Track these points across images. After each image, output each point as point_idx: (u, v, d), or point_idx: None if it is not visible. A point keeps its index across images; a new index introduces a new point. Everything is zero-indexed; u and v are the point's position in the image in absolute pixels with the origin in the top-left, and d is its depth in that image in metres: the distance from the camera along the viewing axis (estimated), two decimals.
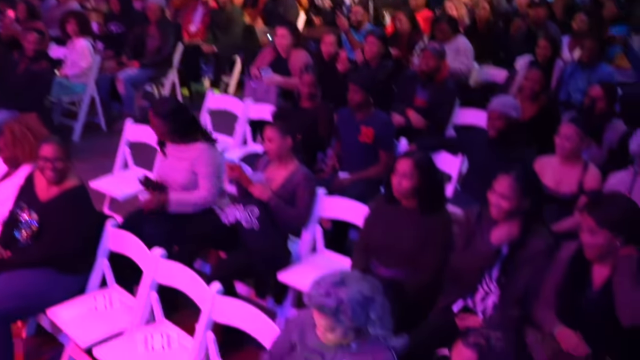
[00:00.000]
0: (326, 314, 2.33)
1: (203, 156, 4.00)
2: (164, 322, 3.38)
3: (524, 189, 3.00)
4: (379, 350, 2.43)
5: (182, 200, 3.97)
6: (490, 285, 3.15)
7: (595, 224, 2.76)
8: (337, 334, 2.38)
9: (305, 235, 4.00)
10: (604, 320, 2.82)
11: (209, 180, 3.98)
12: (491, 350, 2.04)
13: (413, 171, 3.27)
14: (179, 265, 3.25)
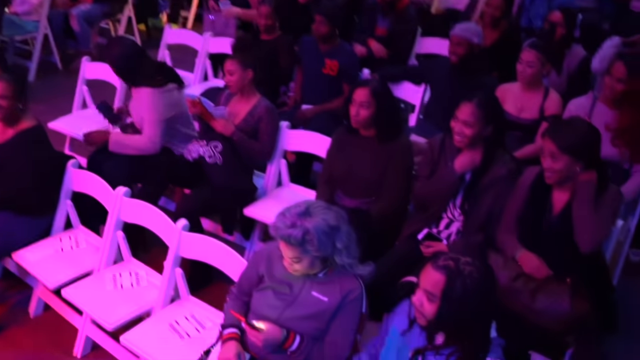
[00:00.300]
0: (292, 245, 2.35)
1: (146, 102, 3.91)
2: (131, 260, 3.38)
3: (486, 116, 3.01)
4: (346, 279, 2.47)
5: (121, 142, 3.91)
6: (454, 213, 3.21)
7: (556, 149, 2.79)
8: (304, 265, 2.40)
9: (270, 169, 3.99)
10: (564, 243, 2.89)
11: (151, 126, 3.88)
12: (460, 273, 2.07)
13: (370, 100, 3.27)
14: (144, 203, 3.23)
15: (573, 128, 2.87)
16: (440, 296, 2.08)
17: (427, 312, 2.11)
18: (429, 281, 2.11)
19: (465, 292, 2.06)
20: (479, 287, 2.07)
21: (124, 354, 3.18)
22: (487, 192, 3.08)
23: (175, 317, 2.99)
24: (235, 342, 2.51)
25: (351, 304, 2.44)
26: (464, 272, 2.07)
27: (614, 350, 3.59)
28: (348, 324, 2.42)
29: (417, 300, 2.14)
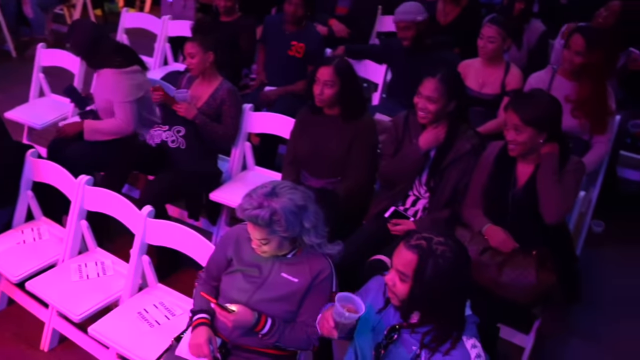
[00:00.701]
0: (260, 226, 2.33)
1: (112, 83, 3.84)
2: (97, 250, 3.34)
3: (449, 91, 3.02)
4: (315, 259, 2.46)
5: (95, 129, 3.86)
6: (420, 190, 3.22)
7: (520, 122, 2.80)
8: (272, 246, 2.39)
9: (235, 152, 3.96)
10: (529, 216, 2.92)
11: (122, 108, 3.84)
12: (432, 253, 2.05)
13: (334, 78, 3.26)
14: (107, 191, 3.17)
15: (535, 100, 2.88)
16: (412, 276, 2.07)
17: (400, 292, 2.11)
18: (401, 261, 2.10)
19: (437, 272, 2.04)
20: (451, 266, 2.05)
21: (92, 346, 3.14)
22: (452, 168, 3.10)
23: (143, 306, 2.96)
24: (206, 327, 2.49)
25: (321, 284, 2.44)
26: (436, 252, 2.05)
27: (578, 320, 3.67)
28: (319, 304, 2.41)
29: (390, 280, 2.13)
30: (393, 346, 2.17)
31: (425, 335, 2.12)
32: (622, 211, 4.72)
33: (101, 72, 3.86)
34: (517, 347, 3.33)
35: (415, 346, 2.13)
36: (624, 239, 4.47)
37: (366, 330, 2.25)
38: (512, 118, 2.83)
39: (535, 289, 2.80)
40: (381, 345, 2.18)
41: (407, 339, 2.15)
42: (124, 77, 3.84)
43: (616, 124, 4.10)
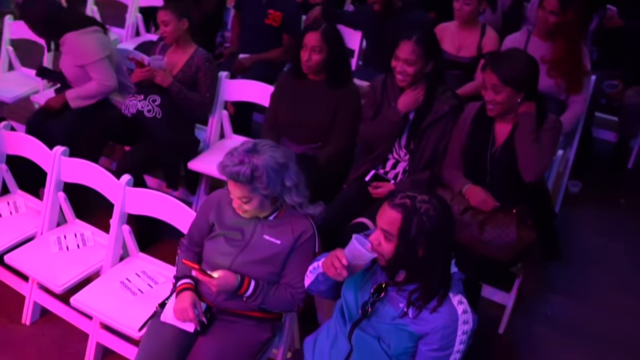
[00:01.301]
0: (241, 183, 2.31)
1: (77, 48, 3.76)
2: (75, 222, 3.30)
3: (426, 52, 3.01)
4: (297, 220, 2.46)
5: (78, 95, 3.80)
6: (399, 152, 3.22)
7: (498, 81, 2.81)
8: (254, 205, 2.37)
9: (212, 121, 3.93)
10: (508, 175, 2.94)
11: (96, 67, 3.77)
12: (416, 211, 2.05)
13: (322, 44, 3.24)
14: (83, 162, 3.12)
15: (513, 59, 2.89)
16: (397, 235, 2.07)
17: (385, 251, 2.11)
18: (386, 220, 2.10)
19: (422, 229, 2.05)
20: (436, 224, 2.06)
21: (75, 317, 3.12)
22: (431, 130, 3.10)
23: (126, 275, 2.93)
24: (190, 292, 2.49)
25: (304, 245, 2.44)
26: (420, 210, 2.05)
27: (557, 278, 3.73)
28: (302, 265, 2.41)
29: (375, 239, 2.13)
30: (380, 304, 2.18)
31: (412, 293, 2.13)
32: (597, 172, 4.79)
33: (65, 40, 3.77)
34: (498, 305, 3.38)
35: (402, 303, 2.14)
36: (600, 199, 4.54)
37: (353, 289, 2.25)
38: (491, 78, 2.83)
39: (516, 246, 2.83)
40: (368, 303, 2.19)
41: (394, 296, 2.16)
42: (88, 37, 3.78)
43: (591, 85, 4.13)
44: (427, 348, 2.10)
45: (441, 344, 2.08)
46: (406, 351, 2.15)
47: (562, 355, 3.27)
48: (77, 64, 3.79)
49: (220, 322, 2.50)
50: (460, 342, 2.09)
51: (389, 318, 2.15)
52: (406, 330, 2.12)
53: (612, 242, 4.11)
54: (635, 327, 3.46)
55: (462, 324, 2.09)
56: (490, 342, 3.31)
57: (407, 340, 2.13)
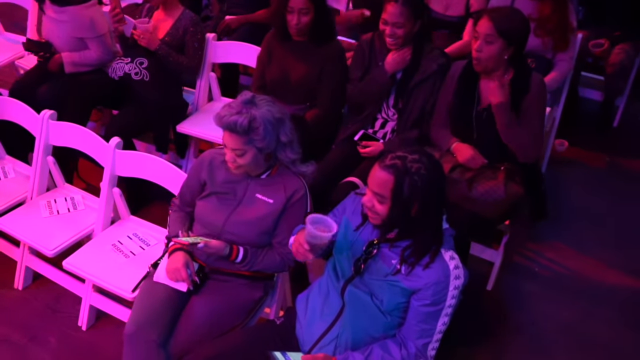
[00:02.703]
0: (238, 134, 2.31)
1: (81, 21, 3.70)
2: (65, 186, 3.29)
3: (414, 12, 3.00)
4: (289, 179, 2.48)
5: (76, 61, 3.74)
6: (388, 112, 3.23)
7: (494, 30, 2.78)
8: (247, 159, 2.37)
9: (200, 83, 3.91)
10: (495, 132, 2.94)
11: (97, 42, 3.73)
12: (408, 171, 2.05)
13: (309, 5, 3.21)
14: (71, 125, 3.11)
15: (511, 13, 2.88)
16: (390, 196, 2.08)
17: (380, 212, 2.12)
18: (377, 182, 2.10)
19: (415, 189, 2.06)
20: (428, 182, 2.07)
21: (68, 281, 3.13)
22: (419, 89, 3.11)
23: (117, 238, 2.95)
24: (182, 252, 2.50)
25: (296, 204, 2.46)
26: (411, 170, 2.06)
27: (544, 234, 3.78)
28: (294, 224, 2.44)
29: (368, 201, 2.14)
30: (372, 261, 2.20)
31: (405, 250, 2.15)
32: (583, 130, 4.82)
33: (66, 11, 3.71)
34: (486, 262, 3.43)
35: (394, 260, 2.17)
36: (586, 157, 4.57)
37: (345, 247, 2.27)
38: (485, 27, 2.80)
39: (504, 202, 2.86)
40: (360, 260, 2.22)
41: (387, 253, 2.19)
42: (92, 11, 3.72)
43: (577, 44, 4.13)
44: (419, 303, 2.13)
45: (433, 299, 2.11)
46: (398, 307, 2.18)
47: (549, 310, 3.33)
48: (78, 36, 3.73)
49: (213, 281, 2.53)
50: (452, 297, 2.12)
51: (382, 274, 2.18)
52: (399, 286, 2.15)
53: (598, 199, 4.17)
54: (622, 281, 3.52)
55: (453, 279, 2.12)
56: (479, 298, 3.36)
57: (399, 296, 2.16)
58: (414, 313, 2.15)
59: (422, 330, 2.14)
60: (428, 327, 2.14)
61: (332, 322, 2.27)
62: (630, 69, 4.66)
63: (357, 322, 2.23)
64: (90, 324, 3.07)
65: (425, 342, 2.15)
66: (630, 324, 3.26)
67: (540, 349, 3.11)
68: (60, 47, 3.77)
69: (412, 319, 2.16)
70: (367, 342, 2.22)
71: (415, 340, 2.15)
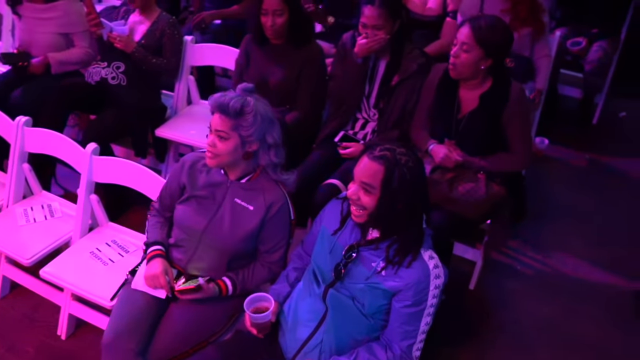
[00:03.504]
0: (227, 115, 2.29)
1: (71, 15, 3.69)
2: (42, 193, 3.25)
3: (391, 13, 2.99)
4: (269, 186, 2.45)
5: (63, 60, 3.73)
6: (369, 112, 3.22)
7: (472, 39, 2.76)
8: (227, 146, 2.33)
9: (178, 86, 3.88)
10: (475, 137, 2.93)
11: (84, 36, 3.73)
12: (397, 162, 2.05)
13: (283, 7, 3.18)
14: (47, 131, 3.06)
15: (493, 23, 2.82)
16: (379, 186, 2.07)
17: (366, 204, 2.10)
18: (367, 172, 2.09)
19: (403, 181, 2.06)
20: (415, 176, 2.08)
21: (46, 290, 3.08)
22: (400, 88, 3.10)
23: (96, 245, 2.91)
24: (161, 258, 2.47)
25: (277, 215, 2.43)
26: (401, 162, 2.06)
27: (525, 232, 3.79)
28: (278, 234, 2.44)
29: (353, 194, 2.12)
30: (352, 265, 2.19)
31: (389, 249, 2.14)
32: (563, 128, 4.85)
33: (56, 6, 3.69)
34: (469, 262, 3.43)
35: (374, 262, 2.15)
36: (567, 154, 4.60)
37: (324, 253, 2.26)
38: (465, 34, 2.78)
39: (485, 202, 2.86)
40: (340, 265, 2.20)
41: (367, 256, 2.17)
42: (78, 6, 3.73)
43: (556, 41, 4.15)
44: (400, 305, 2.12)
45: (414, 300, 2.10)
46: (380, 309, 2.17)
47: (532, 308, 3.33)
48: (64, 32, 3.72)
49: None
50: (433, 296, 2.11)
51: (362, 278, 2.17)
52: (380, 288, 2.14)
53: (579, 196, 4.19)
54: (604, 278, 3.54)
55: (434, 278, 2.11)
56: (462, 297, 3.36)
57: (381, 298, 2.15)
58: (396, 315, 2.14)
59: (405, 331, 2.13)
60: (411, 329, 2.13)
61: (316, 327, 2.25)
62: (608, 66, 4.71)
63: (341, 326, 2.21)
64: (69, 333, 3.03)
65: (409, 344, 2.14)
66: (613, 321, 3.28)
67: (523, 347, 3.11)
68: (42, 47, 3.74)
69: (394, 321, 2.15)
70: (351, 346, 2.21)
71: (399, 342, 2.14)
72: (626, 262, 3.64)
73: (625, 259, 3.67)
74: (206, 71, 4.30)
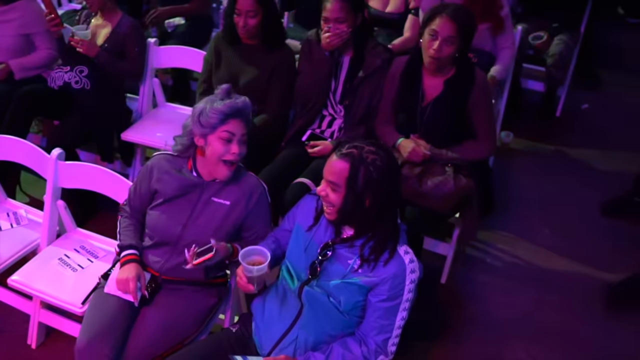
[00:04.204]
0: (243, 120, 2.39)
1: (31, 15, 3.64)
2: (7, 201, 3.19)
3: (353, 6, 3.01)
4: (243, 177, 2.48)
5: (26, 65, 3.68)
6: (336, 109, 3.22)
7: (456, 32, 2.80)
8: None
9: (143, 90, 3.84)
10: (440, 127, 2.98)
11: (46, 36, 3.67)
12: (363, 160, 2.05)
13: (257, 7, 3.17)
14: (10, 138, 2.99)
15: (464, 12, 2.87)
16: (344, 184, 2.08)
17: (334, 201, 2.11)
18: (333, 170, 2.10)
19: (369, 180, 2.06)
20: (382, 174, 2.07)
21: (14, 299, 3.01)
22: (365, 84, 3.11)
23: (64, 251, 2.86)
24: (135, 263, 2.44)
25: (258, 203, 2.46)
26: (367, 160, 2.06)
27: (493, 225, 3.84)
28: (264, 220, 2.48)
29: (322, 191, 2.14)
30: (328, 263, 2.20)
31: (363, 247, 2.15)
32: (527, 121, 4.92)
33: (17, 6, 3.65)
34: (439, 256, 3.46)
35: (350, 260, 2.16)
36: (531, 147, 4.66)
37: (298, 250, 2.26)
38: (448, 28, 2.81)
39: (454, 195, 2.88)
40: (315, 263, 2.21)
41: (343, 254, 2.18)
42: (38, 5, 3.69)
43: (518, 36, 4.21)
44: (376, 299, 2.13)
45: (390, 294, 2.11)
46: (356, 305, 2.18)
47: (503, 299, 3.38)
48: (26, 32, 3.67)
49: (166, 290, 2.47)
50: (408, 290, 2.13)
51: (339, 275, 2.17)
52: (356, 284, 2.14)
53: (545, 187, 4.25)
54: (573, 267, 3.60)
55: (409, 272, 2.12)
56: (434, 291, 3.39)
57: (357, 295, 2.16)
58: (372, 309, 2.15)
59: (381, 326, 2.14)
60: (387, 323, 2.14)
61: (291, 324, 2.25)
62: (569, 59, 4.78)
63: (316, 322, 2.22)
64: (39, 341, 2.98)
65: (385, 338, 2.15)
66: (582, 310, 3.33)
67: (496, 338, 3.15)
68: (3, 51, 3.68)
69: (370, 315, 2.16)
70: (326, 341, 2.22)
71: (374, 336, 2.15)
72: (592, 252, 3.71)
73: (592, 248, 3.74)
74: (181, 75, 4.27)
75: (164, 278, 2.48)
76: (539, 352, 3.09)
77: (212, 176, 2.45)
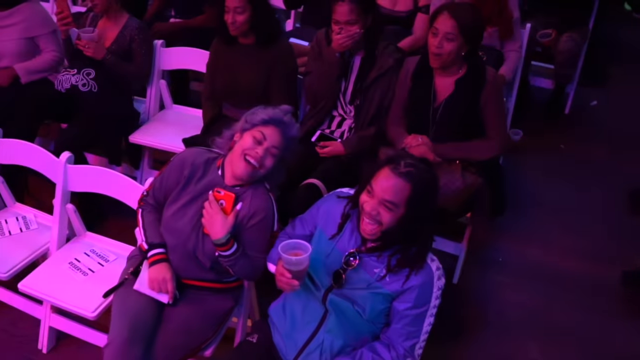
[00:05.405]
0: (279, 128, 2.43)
1: (34, 17, 3.62)
2: (16, 205, 3.18)
3: (363, 7, 2.98)
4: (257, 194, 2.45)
5: (31, 69, 3.66)
6: (346, 109, 3.20)
7: (455, 29, 2.79)
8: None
9: (150, 92, 3.82)
10: (451, 130, 2.95)
11: (50, 38, 3.67)
12: (421, 179, 2.05)
13: (244, 4, 3.14)
14: (18, 142, 2.98)
15: (468, 10, 2.87)
16: (404, 205, 2.06)
17: (384, 221, 2.08)
18: (392, 189, 2.06)
19: (427, 198, 2.08)
20: (435, 191, 2.10)
21: (24, 304, 3.02)
22: (376, 85, 3.09)
23: (74, 255, 2.85)
24: (167, 263, 2.42)
25: (260, 223, 2.41)
26: (424, 178, 2.06)
27: (505, 224, 3.80)
28: (260, 239, 2.42)
29: (373, 209, 2.08)
30: (353, 271, 2.18)
31: (391, 257, 2.14)
32: (536, 119, 4.89)
33: (20, 9, 3.63)
34: (451, 256, 3.43)
35: (377, 269, 2.15)
36: (541, 145, 4.63)
37: (320, 258, 2.23)
38: (448, 24, 2.80)
39: (463, 193, 2.87)
40: (340, 272, 2.19)
41: (369, 262, 2.17)
42: (41, 7, 3.68)
43: (526, 34, 4.18)
44: (403, 307, 2.13)
45: (417, 302, 2.11)
46: (381, 313, 2.17)
47: (515, 299, 3.35)
48: (30, 35, 3.65)
49: (186, 292, 2.47)
50: (436, 297, 2.14)
51: (364, 284, 2.16)
52: (381, 293, 2.14)
53: (556, 186, 4.22)
54: (583, 265, 3.57)
55: (437, 280, 2.14)
56: (446, 292, 3.34)
57: (382, 303, 2.15)
58: (399, 316, 2.15)
59: (408, 332, 2.14)
60: (414, 329, 2.14)
61: (316, 328, 2.24)
62: (578, 56, 4.75)
63: (341, 326, 2.21)
64: (50, 346, 2.97)
65: (412, 344, 2.15)
66: (595, 309, 3.30)
67: (509, 339, 3.12)
68: (8, 56, 3.67)
69: (397, 322, 2.15)
70: (351, 345, 2.21)
71: (402, 342, 2.15)
72: (604, 249, 3.68)
73: (603, 246, 3.71)
74: (179, 75, 4.25)
75: (184, 280, 2.47)
76: (553, 352, 3.06)
77: (233, 178, 2.43)
